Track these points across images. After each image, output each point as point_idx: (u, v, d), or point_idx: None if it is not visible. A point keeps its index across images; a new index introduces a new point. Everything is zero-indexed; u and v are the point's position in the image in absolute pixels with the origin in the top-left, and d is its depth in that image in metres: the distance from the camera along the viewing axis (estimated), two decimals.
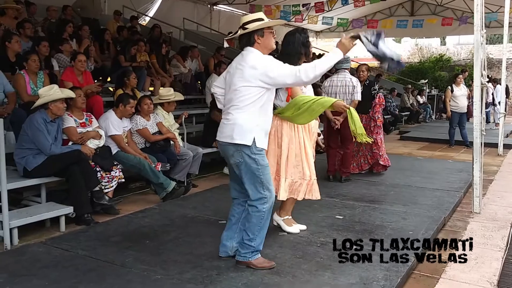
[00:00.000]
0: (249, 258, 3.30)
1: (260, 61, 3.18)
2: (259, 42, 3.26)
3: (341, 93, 6.04)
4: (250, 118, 3.18)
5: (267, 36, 3.28)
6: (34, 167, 4.32)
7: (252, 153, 3.18)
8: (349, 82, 6.00)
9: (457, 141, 10.21)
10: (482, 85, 4.98)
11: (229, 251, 3.47)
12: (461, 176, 6.62)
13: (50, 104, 4.45)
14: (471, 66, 21.07)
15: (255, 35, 3.25)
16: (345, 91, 6.01)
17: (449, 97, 10.01)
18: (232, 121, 3.21)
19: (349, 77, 6.04)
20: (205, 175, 6.69)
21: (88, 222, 4.38)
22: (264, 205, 3.23)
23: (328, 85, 6.17)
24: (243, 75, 3.18)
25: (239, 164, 3.23)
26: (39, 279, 3.10)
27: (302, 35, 3.99)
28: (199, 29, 14.36)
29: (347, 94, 6.00)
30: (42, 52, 6.09)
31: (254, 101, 3.18)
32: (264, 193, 3.23)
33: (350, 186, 6.00)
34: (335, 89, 6.05)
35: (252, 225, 3.26)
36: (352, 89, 5.99)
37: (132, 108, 5.32)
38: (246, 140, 3.16)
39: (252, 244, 3.27)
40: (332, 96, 5.87)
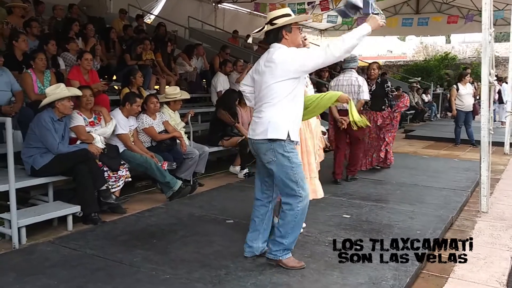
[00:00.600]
0: (279, 256, 3.28)
1: (287, 54, 3.17)
2: (287, 38, 3.25)
3: (347, 92, 5.83)
4: (284, 113, 3.18)
5: (295, 31, 3.28)
6: (41, 166, 4.33)
7: (285, 151, 3.16)
8: (355, 81, 5.93)
9: (463, 140, 10.17)
10: (490, 84, 4.95)
11: (255, 251, 3.47)
12: (468, 175, 6.60)
13: (57, 102, 4.46)
14: (477, 64, 21.00)
15: (283, 30, 3.25)
16: (351, 90, 5.94)
17: (455, 96, 9.96)
18: (265, 118, 3.20)
19: (355, 77, 5.98)
20: (211, 174, 6.69)
21: (95, 221, 4.39)
22: (298, 204, 3.19)
23: (334, 84, 6.15)
24: (273, 73, 3.17)
25: (272, 163, 3.21)
26: (48, 278, 3.11)
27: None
28: (203, 28, 14.37)
29: (353, 94, 5.92)
30: (50, 51, 6.11)
31: (287, 95, 3.18)
32: (298, 191, 3.19)
33: (356, 185, 5.98)
34: (341, 88, 5.97)
35: (285, 223, 3.22)
36: (358, 88, 5.92)
37: (139, 107, 5.32)
38: (280, 134, 3.15)
39: (284, 242, 3.24)
40: None
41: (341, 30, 20.26)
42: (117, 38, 8.78)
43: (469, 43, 28.26)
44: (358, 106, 5.88)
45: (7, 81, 5.10)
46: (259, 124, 3.23)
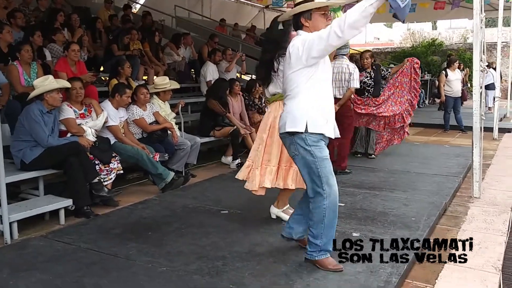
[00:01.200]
0: (315, 257, 3.12)
1: (300, 42, 2.97)
2: (307, 25, 3.02)
3: (337, 80, 5.83)
4: (302, 104, 3.01)
5: (316, 18, 3.01)
6: (31, 159, 4.26)
7: (306, 144, 2.98)
8: (345, 69, 5.81)
9: (452, 126, 10.25)
10: (482, 69, 4.96)
11: (294, 235, 3.37)
12: (459, 161, 6.65)
13: (46, 95, 4.38)
14: (463, 50, 21.18)
15: (301, 17, 3.02)
16: (341, 78, 5.82)
17: (443, 82, 10.01)
18: (286, 111, 3.11)
19: (346, 64, 5.84)
20: (203, 165, 6.65)
21: (88, 215, 4.33)
22: (323, 201, 3.01)
23: None
24: (290, 62, 3.03)
25: (295, 157, 3.08)
26: (43, 273, 3.06)
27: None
28: (190, 16, 14.20)
29: (343, 82, 5.82)
30: (36, 43, 5.98)
31: (304, 85, 2.99)
32: (323, 188, 3.00)
33: (349, 173, 5.98)
34: (332, 76, 5.90)
35: (315, 222, 3.07)
36: (348, 76, 5.79)
37: (129, 98, 5.25)
38: (298, 127, 2.98)
39: (317, 242, 3.07)
40: None
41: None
42: (103, 28, 8.63)
43: (455, 29, 28.47)
44: (348, 94, 5.84)
45: None
46: (282, 118, 3.13)
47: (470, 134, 5.40)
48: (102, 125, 4.88)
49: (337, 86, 5.81)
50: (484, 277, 3.15)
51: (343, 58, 5.91)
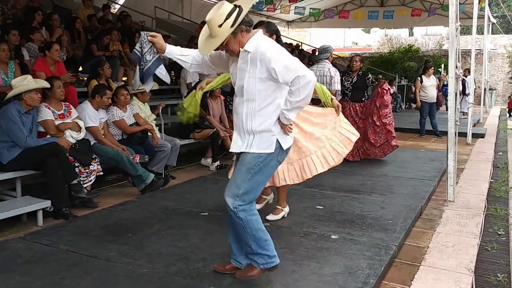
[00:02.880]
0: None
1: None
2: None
3: (318, 82, 6.00)
4: None
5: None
6: (9, 160, 4.21)
7: None
8: (327, 72, 6.10)
9: (427, 131, 10.47)
10: (457, 76, 5.09)
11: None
12: (434, 165, 6.80)
13: (24, 94, 4.34)
14: (439, 56, 21.64)
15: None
16: (322, 81, 6.02)
17: (419, 88, 10.23)
18: None
19: (328, 67, 6.13)
20: (182, 167, 6.65)
21: (67, 216, 4.30)
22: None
23: None
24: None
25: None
26: (22, 276, 3.03)
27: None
28: (170, 18, 14.16)
29: (325, 84, 5.89)
30: (12, 41, 5.89)
31: None
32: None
33: (328, 176, 5.99)
34: None
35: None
36: (330, 79, 6.09)
37: (109, 99, 5.22)
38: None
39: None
40: None
41: (308, 22, 20.41)
42: (82, 28, 8.54)
43: (431, 36, 29.02)
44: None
45: None
46: None
47: (445, 139, 5.54)
48: (83, 135, 4.84)
49: None
50: (458, 278, 3.24)
51: (324, 62, 6.20)
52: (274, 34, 3.78)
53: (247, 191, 2.81)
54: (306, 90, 2.66)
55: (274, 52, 2.71)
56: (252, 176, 2.81)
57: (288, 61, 2.69)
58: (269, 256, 2.92)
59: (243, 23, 2.70)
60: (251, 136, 2.84)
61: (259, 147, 2.82)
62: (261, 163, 2.82)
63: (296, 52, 16.20)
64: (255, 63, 2.73)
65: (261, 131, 2.81)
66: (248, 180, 2.81)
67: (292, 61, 2.69)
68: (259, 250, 2.89)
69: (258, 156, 2.81)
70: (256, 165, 2.81)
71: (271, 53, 2.70)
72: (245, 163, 2.84)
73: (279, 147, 2.84)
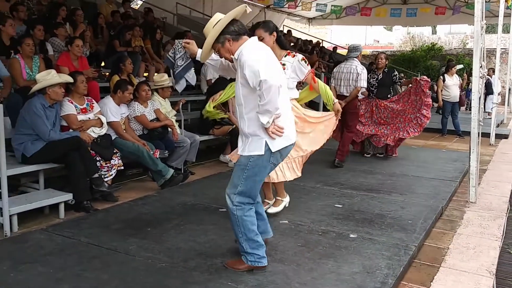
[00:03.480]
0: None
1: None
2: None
3: (345, 79, 6.46)
4: None
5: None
6: (32, 153, 4.28)
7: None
8: (354, 69, 6.39)
9: (449, 130, 10.31)
10: (481, 76, 5.00)
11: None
12: (456, 166, 6.70)
13: (48, 89, 4.40)
14: (462, 55, 21.27)
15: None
16: (349, 77, 6.42)
17: (441, 87, 10.08)
18: None
19: (356, 65, 6.42)
20: (202, 163, 6.68)
21: (88, 209, 4.36)
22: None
23: (336, 71, 6.64)
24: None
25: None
26: (44, 266, 3.09)
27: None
28: (192, 14, 14.23)
29: (351, 81, 6.40)
30: (37, 36, 5.99)
31: None
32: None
33: (347, 174, 6.03)
34: (341, 75, 6.50)
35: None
36: (356, 76, 6.37)
37: (130, 95, 5.27)
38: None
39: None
40: (338, 82, 6.52)
41: (329, 19, 20.27)
42: (104, 24, 8.63)
43: (455, 34, 28.56)
44: (355, 92, 6.42)
45: None
46: None
47: (467, 139, 5.47)
48: (105, 131, 4.91)
49: (345, 84, 6.49)
50: (478, 281, 3.20)
51: (353, 60, 6.51)
52: (273, 31, 3.83)
53: (243, 190, 3.00)
54: (269, 94, 2.77)
55: (248, 58, 2.86)
56: (246, 176, 3.00)
57: (256, 66, 2.80)
58: (259, 256, 3.09)
59: (228, 33, 2.92)
60: (246, 139, 3.05)
61: (249, 150, 3.01)
62: (253, 164, 2.99)
63: (316, 49, 16.13)
64: (238, 70, 2.97)
65: (252, 135, 3.00)
66: (243, 180, 3.00)
67: (259, 66, 2.79)
68: (249, 250, 3.07)
69: (249, 158, 3.00)
70: (249, 166, 2.99)
71: (245, 59, 2.86)
72: (239, 164, 3.06)
73: (268, 149, 2.97)
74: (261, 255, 3.10)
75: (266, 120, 2.88)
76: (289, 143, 3.07)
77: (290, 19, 20.10)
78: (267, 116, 2.88)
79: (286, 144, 3.05)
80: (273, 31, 3.81)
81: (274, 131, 2.94)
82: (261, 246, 3.11)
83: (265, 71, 2.77)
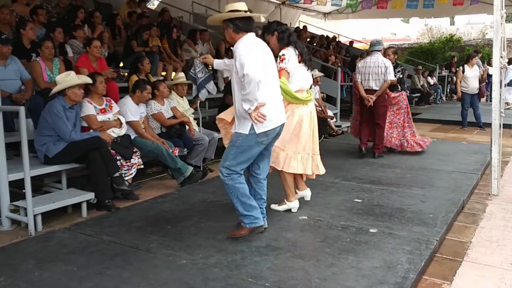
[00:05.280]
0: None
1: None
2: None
3: (373, 73, 6.44)
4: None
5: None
6: (55, 154, 4.36)
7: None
8: (381, 63, 6.39)
9: (469, 123, 10.15)
10: (502, 66, 4.92)
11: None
12: (477, 158, 6.61)
13: (68, 90, 4.47)
14: (482, 46, 20.87)
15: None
16: (377, 71, 6.41)
17: (460, 78, 9.92)
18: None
19: (382, 59, 6.43)
20: (220, 160, 6.68)
21: (109, 208, 4.43)
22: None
23: (362, 66, 6.60)
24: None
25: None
26: (67, 265, 3.15)
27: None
28: (208, 13, 14.25)
29: (380, 75, 6.40)
30: (57, 39, 6.10)
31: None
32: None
33: (366, 169, 6.00)
34: (368, 69, 6.47)
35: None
36: (384, 69, 6.37)
37: (149, 94, 5.33)
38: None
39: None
40: (366, 77, 6.49)
41: (345, 13, 20.09)
42: (122, 24, 8.72)
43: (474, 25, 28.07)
44: (385, 86, 6.42)
45: (16, 69, 5.10)
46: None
47: (488, 131, 5.38)
48: (124, 131, 4.98)
49: (374, 78, 6.47)
50: (503, 275, 3.15)
51: (378, 53, 6.51)
52: (274, 31, 4.08)
53: (231, 164, 3.50)
54: (249, 86, 3.25)
55: (240, 52, 3.36)
56: (235, 152, 3.50)
57: (244, 60, 3.29)
58: (254, 217, 3.55)
59: (232, 23, 3.46)
60: (238, 120, 3.54)
61: (238, 128, 3.52)
62: (241, 143, 3.48)
63: (333, 44, 16.03)
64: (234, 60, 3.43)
65: (242, 116, 3.47)
66: (232, 155, 3.50)
67: (246, 60, 3.28)
68: (245, 213, 3.54)
69: (238, 135, 3.49)
70: (237, 143, 3.49)
71: (238, 52, 3.37)
72: (231, 141, 3.57)
73: (253, 131, 3.43)
74: (256, 216, 3.55)
75: (247, 107, 3.33)
76: (273, 126, 3.49)
77: (306, 15, 19.97)
78: (248, 104, 3.32)
79: (270, 127, 3.47)
80: (274, 31, 4.09)
81: (257, 117, 3.35)
82: (255, 208, 3.57)
83: (248, 65, 3.25)
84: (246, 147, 3.48)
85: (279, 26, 4.14)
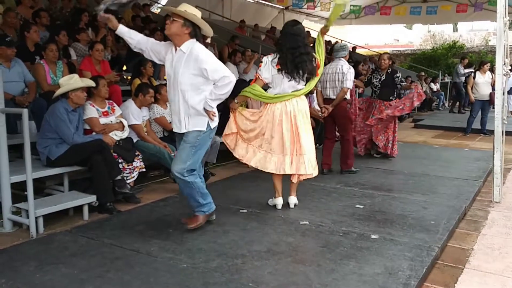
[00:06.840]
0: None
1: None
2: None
3: (330, 80, 5.93)
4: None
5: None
6: (57, 156, 4.37)
7: None
8: (339, 69, 5.85)
9: (472, 129, 10.15)
10: (505, 73, 4.92)
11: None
12: (479, 165, 6.59)
13: (71, 93, 4.48)
14: (484, 53, 20.89)
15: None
16: (334, 78, 5.88)
17: (471, 84, 9.94)
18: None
19: (341, 65, 5.88)
20: (222, 164, 6.71)
21: (111, 211, 4.43)
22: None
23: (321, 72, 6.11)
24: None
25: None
26: (68, 268, 3.14)
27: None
28: (211, 17, 14.30)
29: (337, 82, 5.86)
30: (61, 42, 6.12)
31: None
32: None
33: (368, 175, 5.99)
34: (325, 76, 5.93)
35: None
36: (342, 76, 5.81)
37: (152, 98, 5.34)
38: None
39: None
40: (324, 84, 5.99)
41: (348, 19, 20.14)
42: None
43: (477, 31, 28.09)
44: (341, 94, 5.85)
45: (19, 72, 5.13)
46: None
47: (490, 138, 5.38)
48: (127, 134, 4.99)
49: (331, 86, 5.93)
50: (505, 282, 3.14)
51: (340, 60, 6.00)
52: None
53: (191, 163, 3.69)
54: (228, 87, 3.60)
55: (205, 56, 3.58)
56: (195, 150, 3.70)
57: (216, 64, 3.60)
58: (210, 202, 3.90)
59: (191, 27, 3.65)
60: (187, 119, 3.68)
61: (195, 127, 3.68)
62: (200, 140, 3.71)
63: None
64: (189, 62, 3.57)
65: (195, 115, 3.66)
66: (192, 154, 3.69)
67: (219, 64, 3.63)
68: (204, 202, 3.83)
69: (197, 133, 3.68)
70: (197, 143, 3.69)
71: (203, 56, 3.56)
72: (188, 141, 3.69)
73: (209, 127, 3.72)
74: (210, 201, 3.91)
75: (215, 104, 3.67)
76: (216, 124, 3.83)
77: (309, 20, 20.02)
78: (216, 103, 3.66)
79: (216, 125, 3.82)
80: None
81: (213, 114, 3.69)
82: (208, 194, 3.90)
83: (226, 69, 3.61)
84: (203, 143, 3.76)
85: (291, 27, 4.24)
